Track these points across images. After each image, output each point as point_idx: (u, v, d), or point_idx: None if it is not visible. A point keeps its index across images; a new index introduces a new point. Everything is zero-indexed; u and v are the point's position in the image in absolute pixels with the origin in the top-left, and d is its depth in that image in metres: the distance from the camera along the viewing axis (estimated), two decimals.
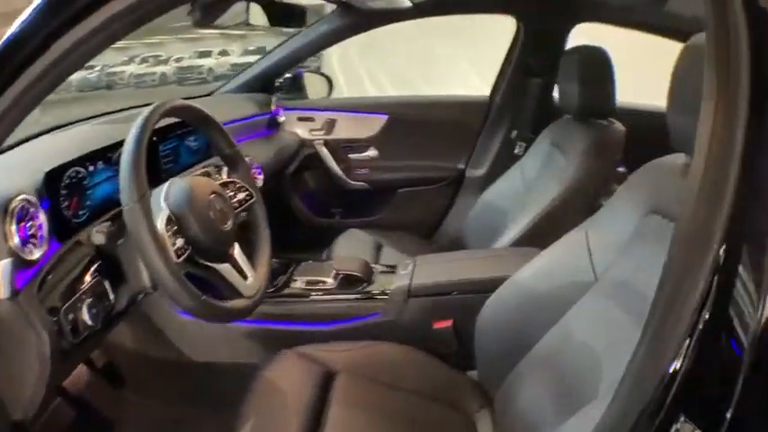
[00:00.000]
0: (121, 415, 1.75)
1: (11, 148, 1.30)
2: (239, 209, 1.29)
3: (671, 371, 0.66)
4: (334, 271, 1.67)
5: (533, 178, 2.08)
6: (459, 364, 1.55)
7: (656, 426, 0.65)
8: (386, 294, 1.60)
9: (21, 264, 1.00)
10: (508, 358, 1.31)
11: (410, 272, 1.62)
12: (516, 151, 2.45)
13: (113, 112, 1.84)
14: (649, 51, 2.23)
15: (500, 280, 1.42)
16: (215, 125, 1.31)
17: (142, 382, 1.82)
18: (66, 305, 1.08)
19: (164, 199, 1.12)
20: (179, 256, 1.08)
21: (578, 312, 1.20)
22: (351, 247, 2.20)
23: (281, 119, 2.40)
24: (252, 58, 2.53)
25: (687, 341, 0.65)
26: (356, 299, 1.61)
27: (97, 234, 1.15)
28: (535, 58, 2.42)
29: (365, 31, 2.36)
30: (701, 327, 0.65)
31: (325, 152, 2.50)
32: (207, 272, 1.17)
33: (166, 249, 1.05)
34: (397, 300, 1.58)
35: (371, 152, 2.52)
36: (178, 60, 10.16)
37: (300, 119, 2.47)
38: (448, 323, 1.58)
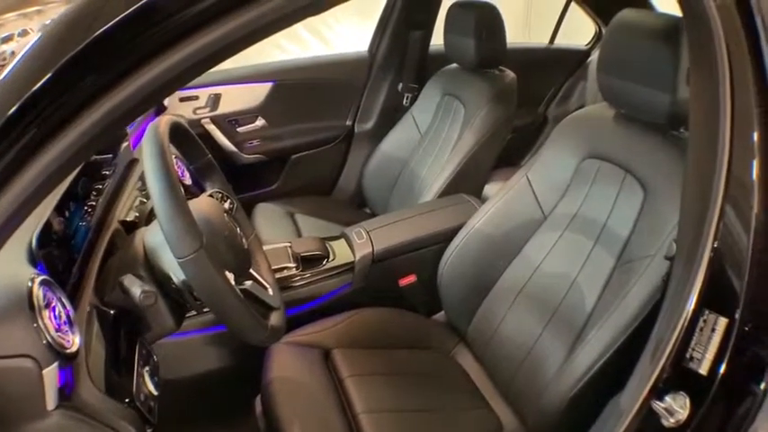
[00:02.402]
0: None
1: None
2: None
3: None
4: (292, 253, 1.76)
5: (429, 127, 2.31)
6: (426, 311, 1.79)
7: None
8: (352, 265, 1.74)
9: (63, 362, 0.86)
10: (474, 297, 1.57)
11: (367, 239, 1.77)
12: (404, 103, 2.65)
13: None
14: None
15: (452, 230, 1.66)
16: (193, 137, 1.29)
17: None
18: (135, 385, 1.01)
19: None
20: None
21: (536, 244, 1.49)
22: (269, 223, 2.28)
23: (166, 102, 2.33)
24: None
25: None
26: (325, 276, 1.74)
27: (145, 298, 1.05)
28: (415, 12, 2.57)
29: None
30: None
31: (214, 129, 2.47)
32: (245, 295, 1.15)
33: (234, 288, 1.03)
34: (364, 268, 1.74)
35: (259, 122, 2.54)
36: None
37: (183, 99, 2.40)
38: (412, 278, 1.80)
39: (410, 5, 2.56)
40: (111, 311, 1.07)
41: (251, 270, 1.25)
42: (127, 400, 0.97)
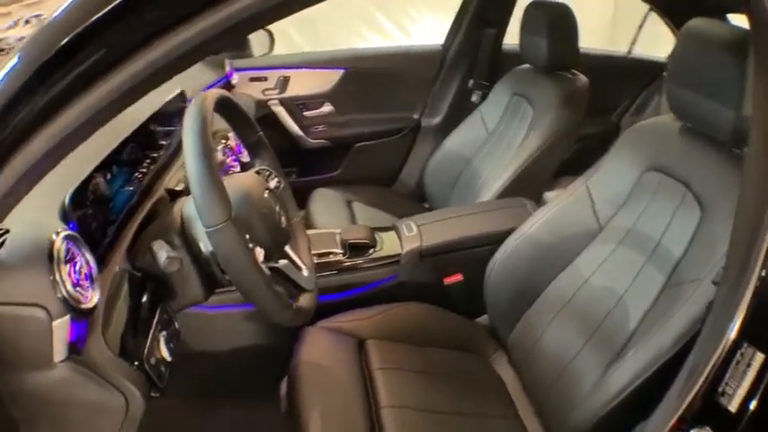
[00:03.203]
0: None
1: None
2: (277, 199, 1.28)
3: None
4: (340, 239, 1.77)
5: (496, 126, 2.26)
6: (469, 312, 1.75)
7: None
8: (398, 258, 1.73)
9: (77, 316, 0.87)
10: (519, 304, 1.52)
11: (417, 233, 1.76)
12: (473, 100, 2.61)
13: None
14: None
15: (504, 233, 1.61)
16: (242, 113, 1.29)
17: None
18: (147, 348, 1.02)
19: None
20: (268, 270, 1.07)
21: (588, 257, 1.42)
22: (325, 208, 2.30)
23: (234, 81, 2.38)
24: None
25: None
26: (371, 266, 1.73)
27: (169, 263, 1.06)
28: (490, 9, 2.54)
29: None
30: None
31: (281, 111, 2.51)
32: (274, 273, 1.16)
33: (259, 265, 1.03)
34: (410, 262, 1.72)
35: (326, 108, 2.57)
36: None
37: (253, 79, 2.45)
38: (458, 277, 1.76)
39: (485, 2, 2.53)
40: (139, 275, 1.10)
41: (288, 249, 1.26)
42: (137, 363, 0.99)
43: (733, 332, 0.80)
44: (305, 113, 2.57)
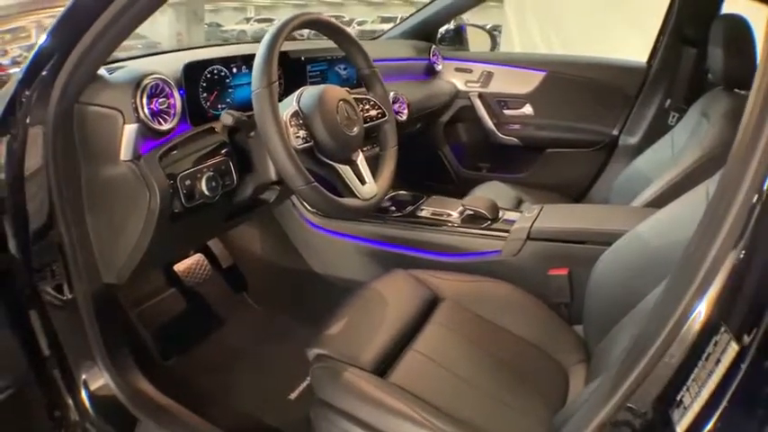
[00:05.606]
0: (231, 316, 1.91)
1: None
2: (369, 123, 1.34)
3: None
4: (461, 207, 1.72)
5: (681, 148, 1.96)
6: (569, 317, 1.54)
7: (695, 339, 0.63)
8: (506, 233, 1.61)
9: (148, 132, 1.13)
10: (613, 314, 1.26)
11: (534, 215, 1.62)
12: (669, 121, 2.31)
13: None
14: None
15: (619, 234, 1.38)
16: (354, 43, 1.35)
17: (261, 289, 1.96)
18: (187, 172, 1.19)
19: (295, 100, 1.21)
20: (299, 145, 1.16)
21: None
22: (489, 195, 2.23)
23: (439, 67, 2.45)
24: None
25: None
26: (478, 235, 1.65)
27: (226, 115, 1.23)
28: (690, 27, 2.26)
29: None
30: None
31: (479, 104, 2.51)
32: (325, 169, 1.24)
33: (286, 132, 1.13)
34: (517, 240, 1.59)
35: (526, 109, 2.50)
36: (360, 24, 10.22)
37: (458, 69, 2.50)
38: (563, 271, 1.56)
39: (683, 20, 2.25)
40: (227, 141, 1.29)
41: (359, 162, 1.30)
42: (171, 181, 1.17)
43: (705, 304, 0.60)
44: (505, 111, 2.52)
